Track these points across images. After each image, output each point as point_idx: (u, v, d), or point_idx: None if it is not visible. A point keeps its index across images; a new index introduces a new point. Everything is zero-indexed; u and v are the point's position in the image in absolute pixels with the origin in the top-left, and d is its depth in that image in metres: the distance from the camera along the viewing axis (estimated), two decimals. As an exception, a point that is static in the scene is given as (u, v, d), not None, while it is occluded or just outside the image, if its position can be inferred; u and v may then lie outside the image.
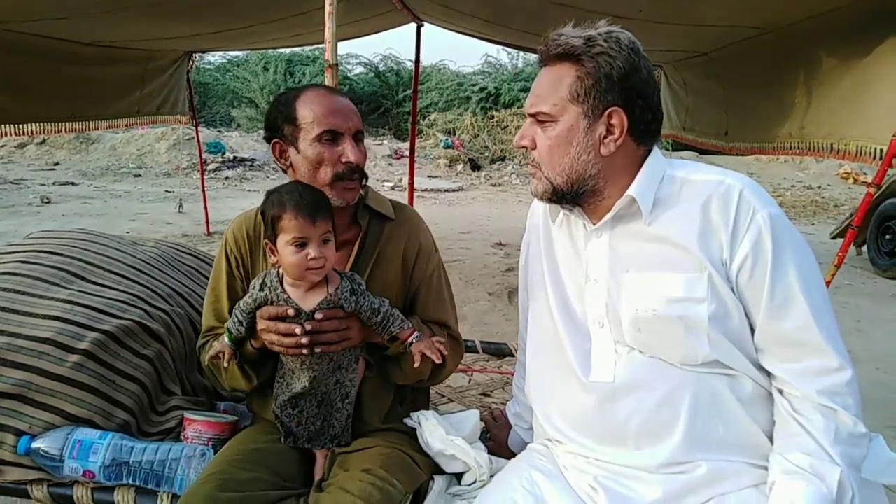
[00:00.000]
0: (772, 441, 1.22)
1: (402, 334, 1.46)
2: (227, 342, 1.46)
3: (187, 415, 1.69)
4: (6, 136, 4.64)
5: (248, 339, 1.48)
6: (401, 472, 1.44)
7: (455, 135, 15.57)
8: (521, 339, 1.65)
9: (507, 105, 16.09)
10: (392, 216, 1.65)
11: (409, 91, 15.74)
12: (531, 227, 1.57)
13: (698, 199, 1.24)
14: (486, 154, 15.00)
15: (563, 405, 1.36)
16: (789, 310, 1.18)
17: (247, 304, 1.44)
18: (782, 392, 1.21)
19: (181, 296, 2.08)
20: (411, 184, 6.84)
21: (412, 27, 6.09)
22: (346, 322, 1.44)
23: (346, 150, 1.49)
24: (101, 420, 1.62)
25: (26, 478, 1.56)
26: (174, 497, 1.53)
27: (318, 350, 1.41)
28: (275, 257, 1.42)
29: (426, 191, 11.91)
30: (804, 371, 1.18)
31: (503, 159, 14.91)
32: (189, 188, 10.99)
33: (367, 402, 1.59)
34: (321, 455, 1.54)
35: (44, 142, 14.49)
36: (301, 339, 1.38)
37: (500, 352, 2.62)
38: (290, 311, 1.39)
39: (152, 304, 1.92)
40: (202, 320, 1.66)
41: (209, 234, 7.60)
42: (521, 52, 14.49)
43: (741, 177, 1.26)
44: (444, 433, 1.52)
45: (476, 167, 14.62)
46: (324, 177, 1.49)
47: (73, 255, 1.96)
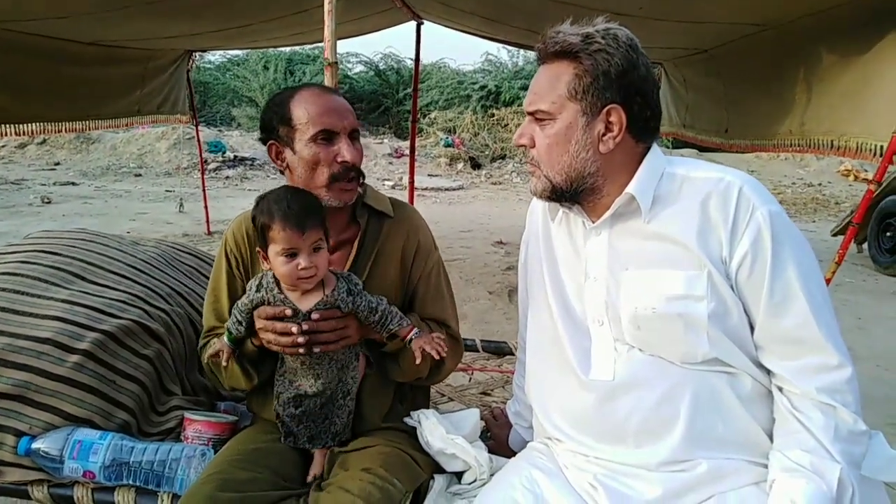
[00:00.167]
0: (772, 439, 1.22)
1: (401, 331, 1.46)
2: (227, 341, 1.46)
3: (187, 415, 1.69)
4: (6, 136, 4.64)
5: (248, 337, 1.48)
6: (401, 472, 1.44)
7: (455, 133, 15.56)
8: (521, 338, 1.65)
9: (507, 103, 16.06)
10: (391, 214, 1.64)
11: (409, 89, 15.75)
12: (530, 226, 1.56)
13: (698, 196, 1.23)
14: (487, 152, 14.99)
15: (563, 403, 1.36)
16: (789, 307, 1.18)
17: (244, 305, 1.44)
18: (782, 390, 1.21)
19: (181, 295, 2.08)
20: (411, 182, 6.83)
21: (412, 25, 6.09)
22: (344, 321, 1.44)
23: (342, 149, 1.48)
24: (101, 420, 1.62)
25: (26, 478, 1.56)
26: (174, 497, 1.53)
27: (316, 350, 1.41)
28: (268, 264, 1.42)
29: (427, 189, 11.91)
30: (804, 368, 1.18)
31: (504, 157, 14.90)
32: (189, 188, 11.00)
33: (368, 401, 1.59)
34: (319, 453, 1.54)
35: (44, 142, 14.49)
36: (298, 338, 1.38)
37: (501, 350, 2.62)
38: (287, 312, 1.39)
39: (152, 304, 1.93)
40: (203, 321, 1.66)
41: (209, 233, 7.60)
42: (522, 50, 14.49)
43: (741, 174, 1.25)
44: (445, 432, 1.52)
45: (476, 165, 14.61)
46: (321, 178, 1.48)
47: (73, 255, 1.96)
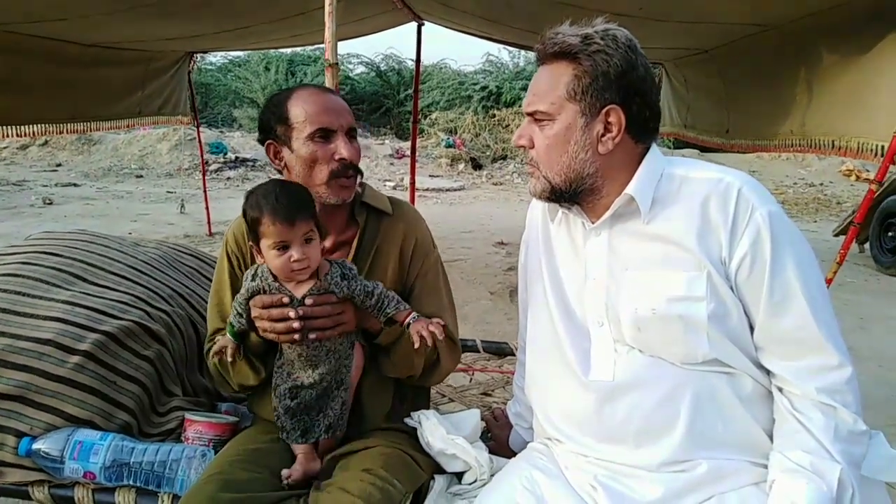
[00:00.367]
0: (772, 439, 1.22)
1: (399, 315, 1.45)
2: (230, 336, 1.46)
3: (188, 416, 1.69)
4: (8, 137, 4.66)
5: (251, 330, 1.47)
6: (401, 472, 1.43)
7: (456, 134, 15.56)
8: (521, 339, 1.64)
9: (508, 104, 16.06)
10: (390, 212, 1.64)
11: (410, 90, 15.76)
12: (530, 226, 1.56)
13: (697, 197, 1.23)
14: (488, 153, 14.99)
15: (563, 404, 1.35)
16: (788, 307, 1.18)
17: (241, 296, 1.44)
18: (782, 390, 1.21)
19: (182, 297, 2.08)
20: (412, 183, 6.83)
21: (413, 26, 6.09)
22: (340, 307, 1.43)
23: (340, 147, 1.49)
24: (101, 421, 1.63)
25: (27, 479, 1.56)
26: (175, 498, 1.53)
27: (312, 336, 1.40)
28: (261, 258, 1.42)
29: (428, 190, 11.91)
30: (804, 369, 1.18)
31: (505, 158, 14.90)
32: (191, 189, 11.02)
33: (368, 400, 1.59)
34: (303, 456, 1.51)
35: (46, 143, 14.51)
36: (293, 323, 1.37)
37: (501, 351, 2.62)
38: (284, 299, 1.39)
39: (153, 305, 1.93)
40: (207, 323, 1.65)
41: (211, 234, 7.61)
42: (523, 51, 14.47)
43: (740, 174, 1.25)
44: (445, 432, 1.52)
45: (477, 166, 14.61)
46: (319, 175, 1.49)
47: (74, 257, 1.96)
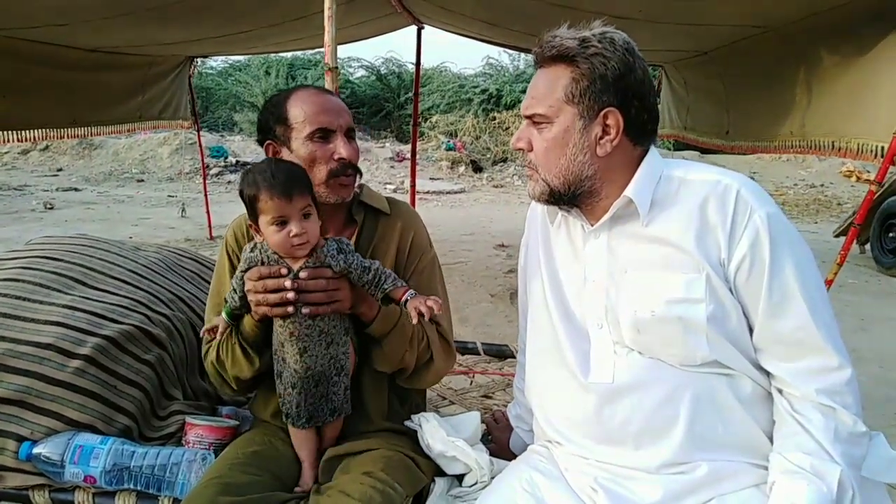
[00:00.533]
0: (772, 441, 1.22)
1: (396, 292, 1.43)
2: (224, 316, 1.45)
3: (189, 419, 1.70)
4: (9, 142, 4.67)
5: (245, 309, 1.45)
6: (402, 476, 1.43)
7: (457, 137, 15.57)
8: (521, 341, 1.64)
9: (508, 106, 16.06)
10: (387, 211, 1.65)
11: (410, 93, 15.78)
12: (530, 229, 1.56)
13: (696, 199, 1.23)
14: (488, 156, 14.99)
15: (563, 406, 1.35)
16: (787, 309, 1.18)
17: (239, 269, 1.43)
18: (782, 391, 1.21)
19: (182, 301, 2.08)
20: (413, 186, 6.84)
21: (413, 30, 6.10)
22: (336, 283, 1.41)
23: (339, 146, 1.50)
24: (102, 425, 1.63)
25: (28, 483, 1.57)
26: (175, 501, 1.53)
27: (305, 311, 1.38)
28: (260, 237, 1.41)
29: (428, 193, 11.92)
30: (803, 370, 1.18)
31: (505, 161, 14.90)
32: (192, 193, 11.03)
33: (366, 397, 1.59)
34: (308, 466, 1.52)
35: (47, 148, 14.54)
36: (288, 294, 1.35)
37: (502, 353, 2.61)
38: (283, 270, 1.37)
39: (154, 309, 1.93)
40: (204, 324, 1.61)
41: (212, 238, 7.61)
42: (523, 54, 14.49)
43: (739, 176, 1.25)
44: (446, 435, 1.52)
45: (478, 169, 14.61)
46: (319, 175, 1.49)
47: (75, 261, 1.97)
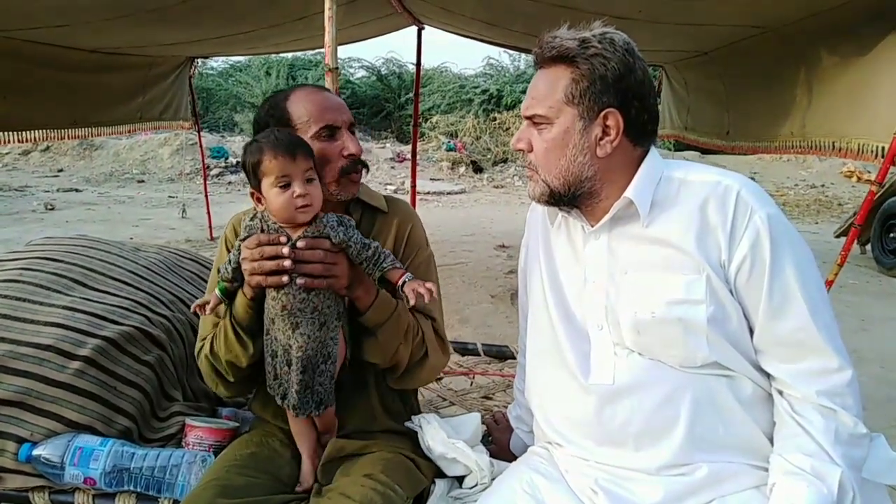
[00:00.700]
0: (772, 442, 1.22)
1: (394, 273, 1.40)
2: (217, 292, 1.43)
3: (189, 421, 1.69)
4: (10, 143, 4.67)
5: (238, 284, 1.43)
6: (403, 478, 1.43)
7: (457, 137, 15.56)
8: (522, 342, 1.64)
9: (509, 107, 16.04)
10: (384, 209, 1.64)
11: (411, 94, 15.76)
12: (530, 229, 1.56)
13: (696, 200, 1.23)
14: (489, 156, 14.98)
15: (563, 408, 1.35)
16: (788, 310, 1.17)
17: (238, 240, 1.41)
18: (782, 393, 1.21)
19: (183, 302, 2.08)
20: (413, 186, 6.83)
21: (413, 30, 6.09)
22: (333, 257, 1.38)
23: (346, 142, 1.49)
24: (102, 426, 1.63)
25: (28, 485, 1.56)
26: (175, 503, 1.53)
27: (300, 281, 1.35)
28: (262, 205, 1.40)
29: (428, 193, 11.92)
30: (804, 372, 1.17)
31: (505, 161, 14.89)
32: (192, 193, 11.03)
33: (370, 396, 1.58)
34: (307, 464, 1.52)
35: (48, 148, 14.53)
36: (284, 261, 1.33)
37: (502, 354, 2.61)
38: (282, 238, 1.35)
39: (154, 311, 1.93)
40: (199, 325, 1.61)
41: (212, 238, 7.60)
42: (523, 54, 14.49)
43: (739, 177, 1.25)
44: (446, 436, 1.52)
45: (478, 169, 14.61)
46: (330, 174, 1.47)
47: (74, 262, 1.97)
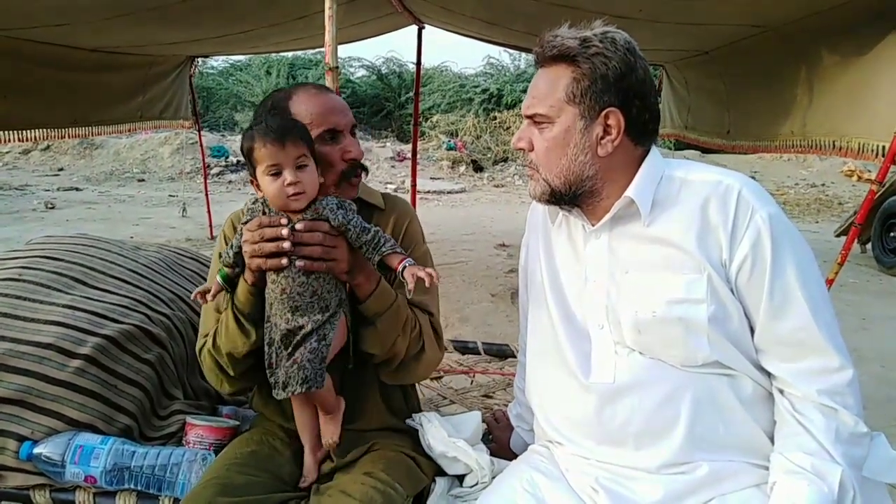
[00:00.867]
0: (772, 441, 1.22)
1: (394, 257, 1.38)
2: (219, 279, 1.43)
3: (189, 419, 1.70)
4: (10, 142, 4.67)
5: (239, 268, 1.42)
6: (403, 476, 1.43)
7: (457, 136, 15.56)
8: (522, 341, 1.64)
9: (509, 106, 16.04)
10: (382, 206, 1.64)
11: (411, 93, 15.77)
12: (531, 228, 1.56)
13: (697, 199, 1.23)
14: (489, 155, 14.98)
15: (564, 407, 1.35)
16: (789, 310, 1.17)
17: (240, 224, 1.41)
18: (783, 392, 1.21)
19: (183, 300, 2.08)
20: (414, 185, 6.83)
21: (413, 29, 6.09)
22: (333, 240, 1.38)
23: (349, 146, 1.49)
24: (102, 425, 1.63)
25: (28, 483, 1.57)
26: (176, 501, 1.53)
27: (299, 264, 1.34)
28: (260, 192, 1.40)
29: (429, 193, 11.92)
30: (804, 371, 1.17)
31: (506, 160, 14.89)
32: (193, 192, 11.04)
33: (370, 394, 1.58)
34: (310, 457, 1.52)
35: (48, 148, 14.53)
36: (283, 243, 1.32)
37: (503, 353, 2.61)
38: (283, 220, 1.35)
39: (154, 309, 1.93)
40: (200, 323, 1.59)
41: (212, 237, 7.61)
42: (523, 53, 14.48)
43: (740, 176, 1.25)
44: (447, 435, 1.52)
45: (479, 168, 14.61)
46: (330, 177, 1.47)
47: (75, 261, 1.97)
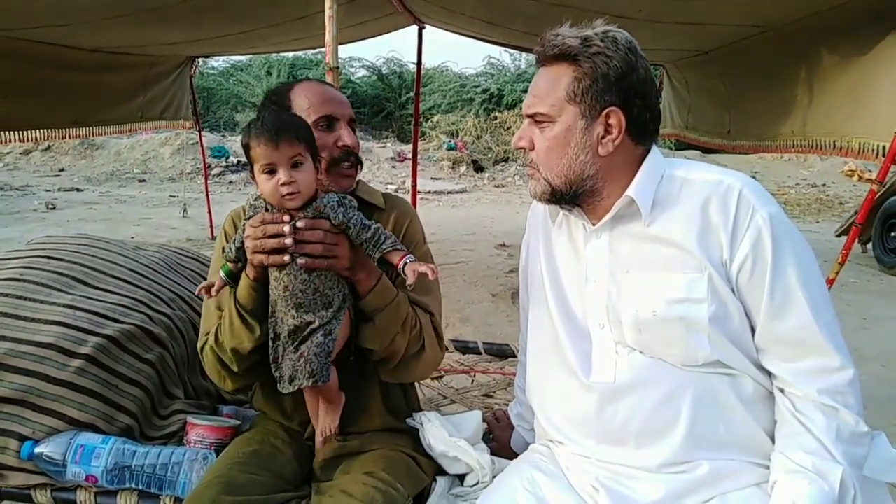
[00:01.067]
0: (773, 440, 1.22)
1: (395, 255, 1.37)
2: (222, 274, 1.43)
3: (190, 419, 1.70)
4: (11, 142, 4.67)
5: (241, 264, 1.42)
6: (404, 476, 1.43)
7: (458, 136, 15.57)
8: (523, 340, 1.64)
9: (510, 106, 16.05)
10: (382, 206, 1.64)
11: (411, 93, 15.75)
12: (531, 228, 1.56)
13: (698, 198, 1.23)
14: (490, 155, 14.99)
15: (564, 406, 1.35)
16: (789, 309, 1.17)
17: (243, 220, 1.41)
18: (783, 391, 1.21)
19: (183, 300, 2.08)
20: (414, 186, 6.83)
21: (414, 30, 6.09)
22: (334, 238, 1.37)
23: (343, 134, 1.51)
24: (103, 424, 1.63)
25: (29, 482, 1.57)
26: (177, 500, 1.53)
27: (301, 262, 1.34)
28: (259, 189, 1.39)
29: (429, 193, 11.94)
30: (805, 370, 1.18)
31: (506, 160, 14.90)
32: (193, 193, 11.04)
33: (371, 393, 1.58)
34: (321, 440, 1.52)
35: (49, 148, 14.54)
36: (286, 239, 1.32)
37: (503, 353, 2.61)
38: (285, 217, 1.34)
39: (154, 309, 1.93)
40: (201, 321, 1.59)
41: (213, 237, 7.61)
42: (524, 54, 14.48)
43: (741, 176, 1.25)
44: (447, 434, 1.52)
45: (479, 169, 14.62)
46: (322, 164, 1.47)
47: (75, 261, 1.97)
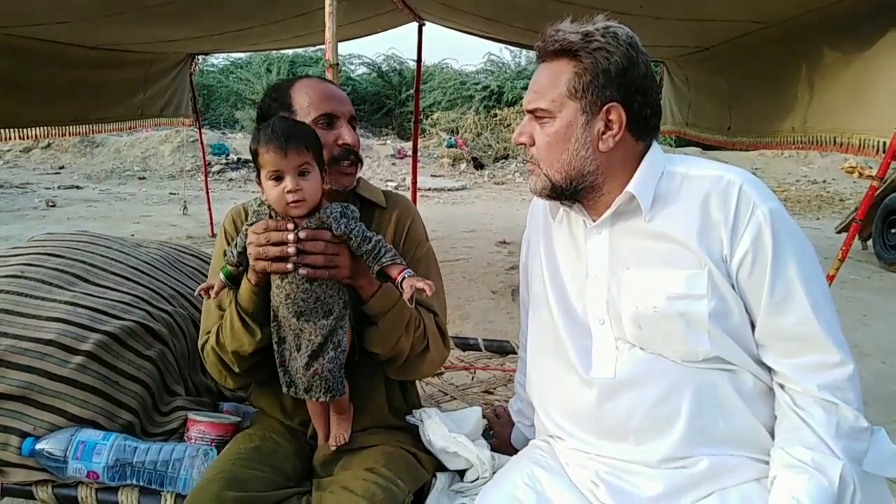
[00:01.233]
0: (773, 435, 1.22)
1: (394, 268, 1.38)
2: (222, 276, 1.43)
3: (191, 416, 1.70)
4: (11, 139, 4.67)
5: (242, 268, 1.42)
6: (404, 472, 1.44)
7: (458, 134, 15.56)
8: (523, 337, 1.64)
9: (510, 103, 16.04)
10: (383, 204, 1.64)
11: (411, 90, 15.73)
12: (531, 224, 1.56)
13: (698, 194, 1.23)
14: (490, 152, 14.99)
15: (564, 402, 1.36)
16: (789, 305, 1.18)
17: (246, 224, 1.41)
18: (783, 387, 1.21)
19: (184, 297, 2.08)
20: (414, 183, 6.82)
21: (414, 26, 6.08)
22: (335, 248, 1.38)
23: (343, 132, 1.50)
24: (104, 421, 1.63)
25: (31, 479, 1.57)
26: (178, 497, 1.53)
27: (302, 272, 1.35)
28: (265, 195, 1.40)
29: (430, 190, 11.94)
30: (805, 366, 1.18)
31: (506, 157, 14.90)
32: (193, 190, 11.03)
33: (371, 391, 1.58)
34: (322, 435, 1.53)
35: (49, 146, 14.54)
36: (288, 247, 1.33)
37: (503, 349, 2.62)
38: (289, 225, 1.35)
39: (155, 306, 1.93)
40: (202, 319, 1.60)
41: (213, 235, 7.61)
42: (524, 50, 14.47)
43: (741, 172, 1.25)
44: (447, 430, 1.52)
45: (479, 166, 14.63)
46: (327, 174, 1.46)
47: (76, 258, 1.97)
